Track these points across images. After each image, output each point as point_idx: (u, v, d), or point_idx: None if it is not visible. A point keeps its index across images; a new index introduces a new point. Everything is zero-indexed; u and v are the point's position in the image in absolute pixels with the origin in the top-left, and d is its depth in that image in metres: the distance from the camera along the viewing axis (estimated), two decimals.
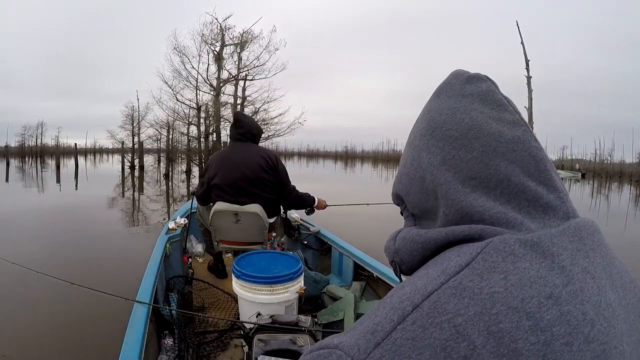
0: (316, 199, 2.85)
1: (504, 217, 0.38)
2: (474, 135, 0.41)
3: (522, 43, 11.23)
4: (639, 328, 0.38)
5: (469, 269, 0.34)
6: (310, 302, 2.41)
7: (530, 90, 11.27)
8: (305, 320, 1.53)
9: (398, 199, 0.52)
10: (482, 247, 0.36)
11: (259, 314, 1.62)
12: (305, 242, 3.33)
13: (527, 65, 11.26)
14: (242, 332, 1.75)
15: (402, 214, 0.53)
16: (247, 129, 2.69)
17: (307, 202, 2.81)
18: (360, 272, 2.68)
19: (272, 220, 2.66)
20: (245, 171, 2.55)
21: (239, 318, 2.08)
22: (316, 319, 1.63)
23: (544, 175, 0.40)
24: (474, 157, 0.41)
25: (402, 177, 0.50)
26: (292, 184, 2.75)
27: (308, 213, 2.96)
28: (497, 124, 0.42)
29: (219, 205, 2.54)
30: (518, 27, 11.40)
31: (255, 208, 2.49)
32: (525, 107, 11.35)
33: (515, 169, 0.39)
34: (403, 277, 0.46)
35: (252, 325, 1.52)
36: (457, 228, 0.39)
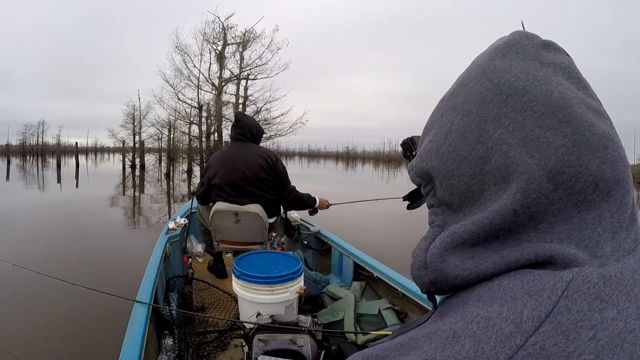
0: (317, 199, 2.85)
1: (579, 234, 0.31)
2: (565, 117, 0.32)
3: None
4: None
5: (551, 324, 0.27)
6: (310, 302, 2.41)
7: None
8: (305, 320, 1.53)
9: (425, 178, 0.41)
10: (563, 289, 0.28)
11: (259, 314, 1.62)
12: (305, 242, 3.33)
13: None
14: (242, 332, 1.75)
15: (413, 197, 0.46)
16: (247, 129, 2.68)
17: (307, 203, 2.81)
18: (360, 272, 2.67)
19: (272, 220, 2.65)
20: (245, 171, 2.55)
21: (239, 318, 2.08)
22: (316, 319, 1.63)
23: (628, 183, 0.32)
24: (564, 145, 0.31)
25: (441, 150, 0.38)
26: (292, 184, 2.75)
27: (311, 214, 2.95)
28: (588, 111, 0.33)
29: (219, 205, 2.53)
30: (523, 27, 11.37)
31: (255, 208, 2.49)
32: None
33: (605, 171, 0.31)
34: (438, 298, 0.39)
35: (252, 325, 1.51)
36: (525, 250, 0.32)
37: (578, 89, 0.34)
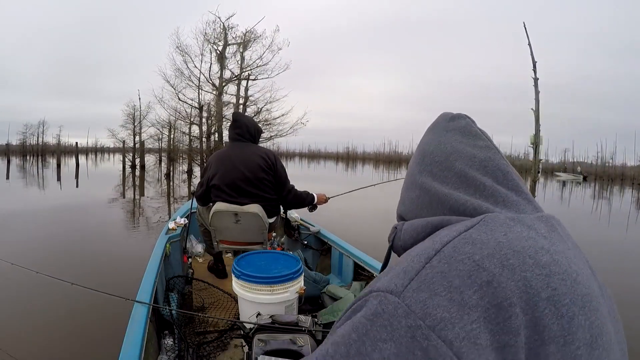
0: (315, 195, 2.85)
1: (486, 207, 0.48)
2: (454, 157, 0.54)
3: (529, 45, 11.10)
4: (602, 294, 0.46)
5: (475, 228, 0.43)
6: (310, 302, 2.41)
7: (537, 92, 11.15)
8: (305, 320, 1.53)
9: (401, 219, 0.61)
10: (482, 217, 0.45)
11: (259, 314, 1.62)
12: (305, 242, 3.33)
13: (535, 67, 11.16)
14: (242, 332, 1.75)
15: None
16: (245, 129, 2.68)
17: (306, 201, 2.81)
18: (360, 272, 2.67)
19: (271, 220, 2.65)
20: (244, 171, 2.55)
21: (239, 318, 2.08)
22: (316, 319, 1.63)
23: (512, 183, 0.51)
24: (455, 174, 0.53)
25: (404, 200, 0.60)
26: (291, 183, 2.75)
27: (310, 210, 2.95)
28: (472, 149, 0.55)
29: (219, 206, 2.53)
30: (525, 28, 11.31)
31: (255, 208, 2.49)
32: (532, 109, 11.23)
33: (488, 179, 0.51)
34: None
35: (252, 325, 1.51)
36: (455, 209, 0.50)
37: (468, 138, 0.56)
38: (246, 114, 17.74)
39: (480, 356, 0.32)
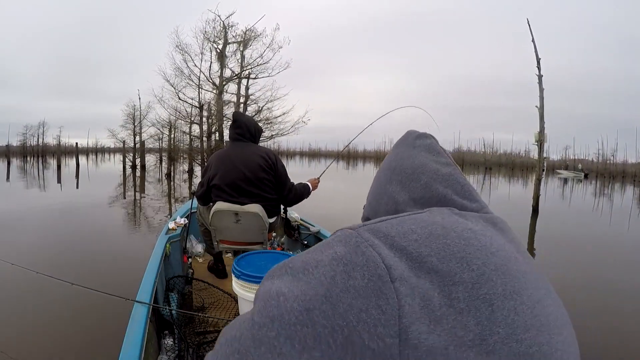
0: (310, 184, 2.86)
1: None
2: (421, 171, 0.63)
3: (533, 41, 11.00)
4: (533, 269, 0.52)
5: (421, 213, 0.52)
6: None
7: (541, 89, 11.06)
8: None
9: (366, 218, 0.70)
10: (428, 209, 0.54)
11: None
12: (305, 242, 3.33)
13: (539, 63, 11.05)
14: None
15: None
16: (245, 129, 2.68)
17: (305, 194, 2.81)
18: None
19: (272, 220, 2.65)
20: (245, 171, 2.54)
21: None
22: None
23: (468, 194, 0.60)
24: (421, 185, 0.61)
25: (371, 204, 0.69)
26: (292, 182, 2.75)
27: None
28: (435, 164, 0.63)
29: (219, 205, 2.53)
30: (529, 24, 11.22)
31: (255, 208, 2.49)
32: (536, 106, 11.14)
33: (449, 191, 0.59)
34: None
35: None
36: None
37: (432, 155, 0.65)
38: (247, 112, 17.74)
39: (400, 268, 0.42)
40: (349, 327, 0.37)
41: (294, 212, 3.57)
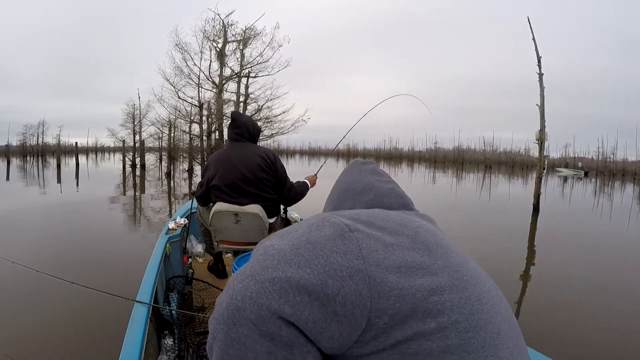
0: (308, 182, 2.85)
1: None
2: (368, 187, 0.78)
3: (533, 40, 10.98)
4: (446, 240, 0.63)
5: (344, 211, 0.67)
6: None
7: (542, 88, 11.04)
8: None
9: None
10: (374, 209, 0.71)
11: None
12: None
13: (539, 61, 11.04)
14: None
15: None
16: (244, 129, 2.67)
17: (304, 192, 2.80)
18: None
19: (272, 220, 2.65)
20: (244, 171, 2.54)
21: None
22: None
23: (406, 203, 0.76)
24: (370, 198, 0.76)
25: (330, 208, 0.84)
26: (291, 182, 2.75)
27: None
28: (379, 183, 0.79)
29: (219, 206, 2.53)
30: (530, 23, 11.19)
31: (255, 208, 2.49)
32: (537, 104, 11.13)
33: (391, 201, 0.75)
34: None
35: None
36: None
37: (376, 176, 0.81)
38: (247, 111, 17.71)
39: (357, 225, 0.57)
40: (325, 257, 0.50)
41: (294, 212, 3.57)
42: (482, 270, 0.63)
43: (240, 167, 2.55)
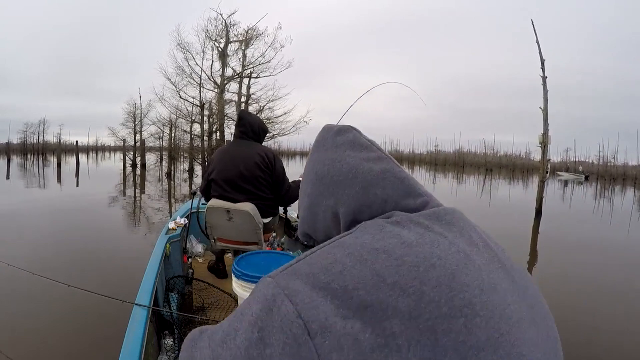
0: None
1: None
2: (353, 175, 0.55)
3: (537, 42, 10.99)
4: (494, 260, 0.46)
5: (349, 235, 0.47)
6: None
7: (545, 91, 11.04)
8: None
9: (306, 237, 0.65)
10: (358, 226, 0.49)
11: None
12: (305, 242, 3.31)
13: (543, 65, 11.05)
14: None
15: (310, 244, 0.63)
16: (249, 127, 2.69)
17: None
18: None
19: (266, 220, 2.64)
20: (241, 168, 2.56)
21: None
22: None
23: (410, 189, 0.53)
24: (357, 192, 0.53)
25: (305, 219, 0.62)
26: (289, 182, 2.74)
27: None
28: (367, 163, 0.55)
29: (212, 202, 2.57)
30: (533, 26, 11.21)
31: (246, 207, 2.49)
32: (540, 107, 11.13)
33: (388, 191, 0.52)
34: None
35: None
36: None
37: (360, 151, 0.57)
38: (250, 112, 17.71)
39: (322, 315, 0.38)
40: None
41: (294, 212, 3.56)
42: (539, 313, 0.46)
43: (239, 164, 2.57)
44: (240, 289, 1.91)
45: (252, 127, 2.70)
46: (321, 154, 0.60)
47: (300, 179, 2.56)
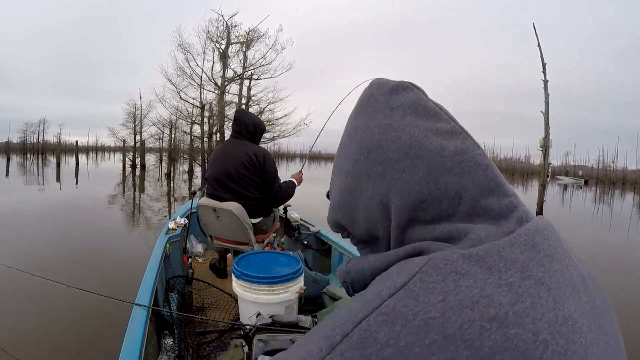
0: (294, 180, 2.83)
1: (454, 230, 0.36)
2: (415, 153, 0.39)
3: (539, 46, 11.06)
4: (606, 331, 0.36)
5: (405, 290, 0.31)
6: (310, 302, 2.40)
7: (547, 95, 11.10)
8: (305, 320, 1.52)
9: (339, 228, 0.49)
10: (421, 265, 0.33)
11: (259, 314, 1.62)
12: (305, 242, 3.32)
13: (544, 68, 11.11)
14: (242, 332, 1.74)
15: (346, 237, 0.50)
16: (243, 127, 2.69)
17: (292, 192, 2.78)
18: None
19: (255, 221, 2.63)
20: (229, 167, 2.58)
21: (239, 318, 2.07)
22: (316, 319, 1.62)
23: (494, 182, 0.38)
24: (420, 178, 0.38)
25: (340, 205, 0.46)
26: (280, 182, 2.71)
27: None
28: (436, 137, 0.39)
29: (201, 200, 2.62)
30: (535, 30, 11.26)
31: (231, 206, 2.48)
32: (541, 111, 11.17)
33: (465, 182, 0.37)
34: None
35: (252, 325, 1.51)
36: (407, 247, 0.37)
37: (426, 120, 0.41)
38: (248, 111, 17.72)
39: None
40: None
41: (294, 212, 3.56)
42: None
43: (227, 163, 2.59)
44: (240, 289, 1.92)
45: (247, 127, 2.69)
46: (368, 118, 0.43)
47: (292, 179, 2.52)
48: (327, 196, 0.53)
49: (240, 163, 2.57)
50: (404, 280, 0.32)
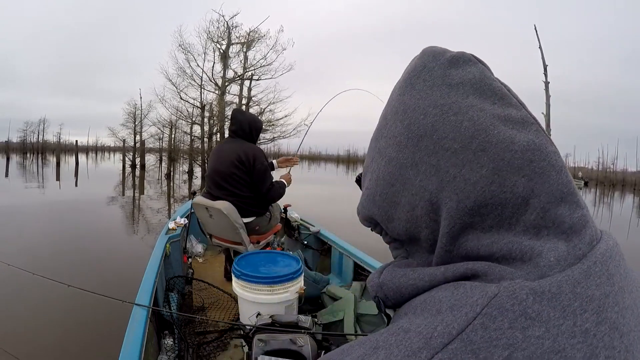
0: (284, 180, 2.83)
1: (518, 249, 0.30)
2: (479, 145, 0.31)
3: (540, 48, 11.13)
4: None
5: (462, 341, 0.26)
6: (310, 302, 2.40)
7: (548, 97, 11.17)
8: (305, 320, 1.52)
9: (371, 223, 0.41)
10: (484, 305, 0.27)
11: (259, 314, 1.62)
12: (305, 242, 3.32)
13: (545, 70, 11.18)
14: (242, 332, 1.74)
15: (377, 234, 0.43)
16: (239, 126, 2.70)
17: (282, 192, 2.77)
18: (360, 272, 2.67)
19: (247, 220, 2.62)
20: (220, 166, 2.60)
21: (239, 318, 2.07)
22: (316, 319, 1.62)
23: (567, 189, 0.31)
24: (483, 177, 0.31)
25: (375, 198, 0.38)
26: (272, 180, 2.70)
27: None
28: (504, 126, 0.32)
29: (196, 199, 2.66)
30: (536, 31, 11.30)
31: (220, 205, 2.49)
32: (542, 113, 11.23)
33: (535, 187, 0.30)
34: (388, 311, 0.39)
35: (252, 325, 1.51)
36: (458, 266, 0.31)
37: (493, 103, 0.33)
38: (245, 110, 17.71)
39: None
40: None
41: (294, 212, 3.57)
42: None
43: (219, 161, 2.62)
44: (240, 288, 1.92)
45: (242, 126, 2.70)
46: (421, 96, 0.35)
47: (282, 180, 2.51)
48: (357, 181, 0.45)
49: (230, 162, 2.59)
50: (460, 325, 0.26)
